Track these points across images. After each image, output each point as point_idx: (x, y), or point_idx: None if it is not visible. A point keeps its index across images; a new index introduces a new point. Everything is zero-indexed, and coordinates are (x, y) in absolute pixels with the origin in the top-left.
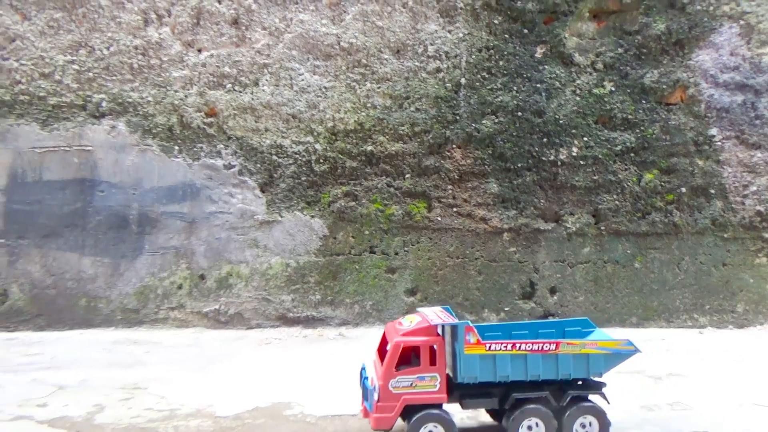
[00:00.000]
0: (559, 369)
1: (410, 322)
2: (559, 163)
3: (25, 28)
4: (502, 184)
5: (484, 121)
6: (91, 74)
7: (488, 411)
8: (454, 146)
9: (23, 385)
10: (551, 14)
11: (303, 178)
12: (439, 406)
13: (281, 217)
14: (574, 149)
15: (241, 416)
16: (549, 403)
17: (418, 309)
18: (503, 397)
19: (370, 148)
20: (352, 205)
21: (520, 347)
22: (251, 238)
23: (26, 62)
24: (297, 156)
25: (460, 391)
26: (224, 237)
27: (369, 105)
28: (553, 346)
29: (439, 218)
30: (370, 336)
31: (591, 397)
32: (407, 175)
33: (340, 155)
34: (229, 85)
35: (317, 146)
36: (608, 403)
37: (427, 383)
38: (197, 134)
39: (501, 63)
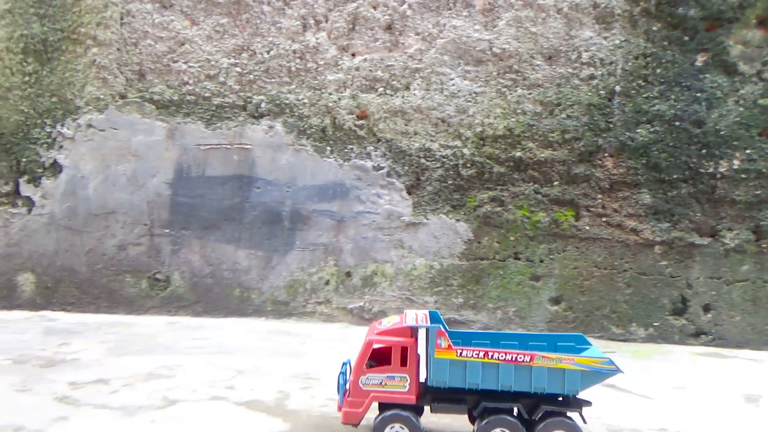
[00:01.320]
0: (532, 382)
1: (389, 322)
2: (719, 175)
3: (193, 32)
4: (656, 195)
5: (638, 130)
6: (251, 76)
7: (469, 418)
8: (606, 155)
9: (202, 367)
10: (714, 21)
11: (449, 182)
12: (410, 407)
13: (427, 219)
14: (736, 162)
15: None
16: (520, 416)
17: (405, 311)
18: (475, 405)
19: (518, 153)
20: (498, 211)
21: (492, 356)
22: (397, 238)
23: (193, 64)
24: (445, 160)
25: (432, 394)
26: (371, 236)
27: (519, 111)
28: (527, 358)
29: (588, 227)
30: None
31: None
32: (555, 183)
33: (487, 160)
34: (381, 89)
35: (465, 150)
36: (584, 422)
37: (396, 383)
38: (348, 136)
39: (659, 71)
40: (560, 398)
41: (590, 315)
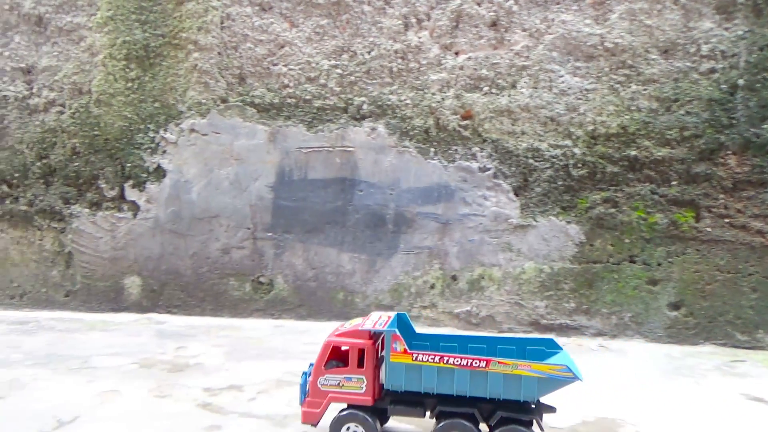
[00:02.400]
0: (488, 387)
1: (351, 324)
2: None
3: (293, 35)
4: None
5: (764, 126)
6: (353, 78)
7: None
8: (728, 152)
9: None
10: None
11: (559, 183)
12: (367, 408)
13: (536, 221)
14: None
15: (576, 429)
16: (475, 421)
17: (372, 312)
18: (433, 408)
19: (633, 152)
20: (612, 212)
21: (447, 360)
22: (504, 241)
23: (294, 67)
24: (554, 160)
25: (391, 397)
26: (477, 239)
27: (633, 108)
28: (483, 363)
29: (709, 229)
30: (633, 350)
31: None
32: (674, 182)
33: (600, 160)
34: (486, 88)
35: (576, 150)
36: (541, 430)
37: (353, 384)
38: (452, 136)
39: None
40: (533, 405)
41: (713, 321)
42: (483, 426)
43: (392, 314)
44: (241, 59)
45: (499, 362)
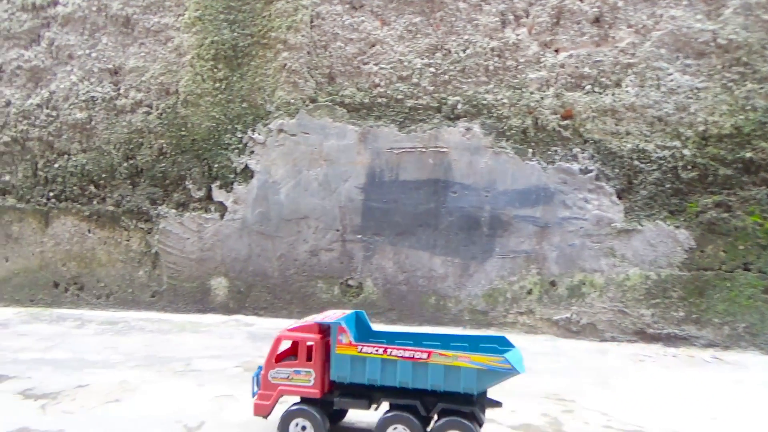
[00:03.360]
0: (429, 379)
1: (304, 320)
2: None
3: (384, 33)
4: None
5: None
6: (446, 77)
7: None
8: None
9: None
10: None
11: (667, 186)
12: (316, 403)
13: (641, 225)
14: None
15: None
16: (417, 413)
17: (329, 310)
18: (378, 401)
19: (748, 154)
20: (725, 217)
21: (390, 352)
22: (607, 246)
23: (385, 66)
24: (661, 161)
25: (341, 389)
26: (578, 244)
27: (748, 107)
28: (425, 355)
29: None
30: (751, 362)
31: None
32: None
33: (711, 162)
34: (588, 87)
35: (685, 151)
36: (479, 422)
37: (302, 377)
38: (552, 137)
39: None
40: (475, 398)
41: None
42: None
43: (348, 311)
44: (331, 58)
45: (440, 354)
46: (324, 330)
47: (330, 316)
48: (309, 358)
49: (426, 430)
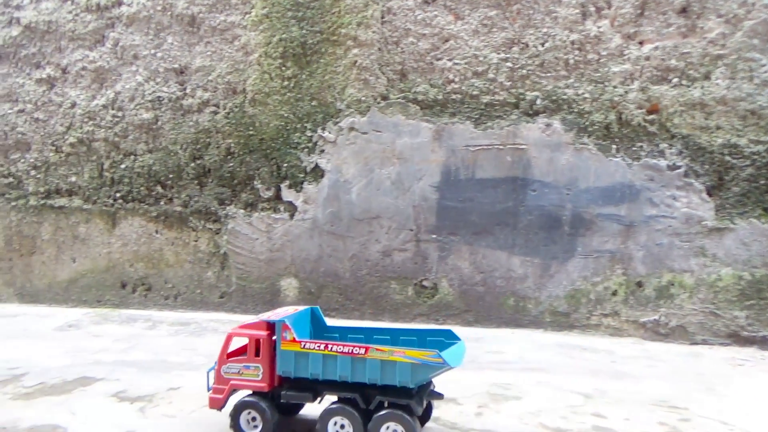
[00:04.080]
0: (367, 373)
1: (258, 317)
2: None
3: (458, 28)
4: None
5: None
6: (524, 71)
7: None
8: None
9: (536, 387)
10: None
11: (761, 182)
12: (265, 395)
13: (733, 224)
14: None
15: None
16: (357, 405)
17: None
18: (321, 394)
19: None
20: None
21: (331, 348)
22: (697, 245)
23: (459, 61)
24: (755, 157)
25: (288, 383)
26: (666, 243)
27: None
28: (362, 351)
29: None
30: None
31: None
32: None
33: None
34: (675, 80)
35: None
36: (412, 414)
37: (251, 372)
38: (637, 132)
39: None
40: (414, 391)
41: None
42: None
43: (301, 308)
44: (403, 54)
45: (376, 349)
46: (271, 327)
47: (281, 313)
48: (257, 354)
49: (366, 422)
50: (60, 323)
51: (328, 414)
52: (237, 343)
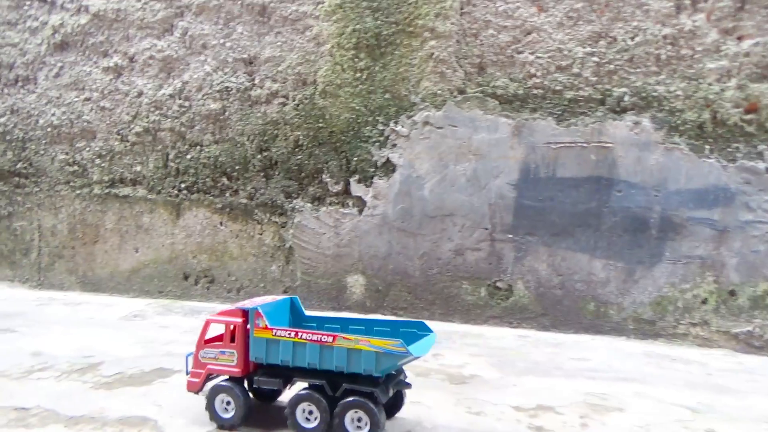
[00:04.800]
0: (334, 361)
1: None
2: None
3: (542, 20)
4: None
5: None
6: (611, 66)
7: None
8: None
9: (635, 398)
10: None
11: None
12: (239, 380)
13: None
14: None
15: None
16: (324, 392)
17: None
18: (291, 380)
19: None
20: None
21: (301, 336)
22: None
23: (542, 55)
24: None
25: (262, 369)
26: (763, 250)
27: None
28: (330, 339)
29: None
30: None
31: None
32: None
33: None
34: None
35: None
36: (375, 403)
37: (226, 357)
38: (733, 132)
39: None
40: (380, 379)
41: None
42: None
43: (279, 297)
44: (482, 47)
45: (343, 338)
46: (246, 314)
47: (258, 302)
48: (233, 340)
49: (333, 409)
50: (124, 313)
51: (296, 400)
52: (216, 329)
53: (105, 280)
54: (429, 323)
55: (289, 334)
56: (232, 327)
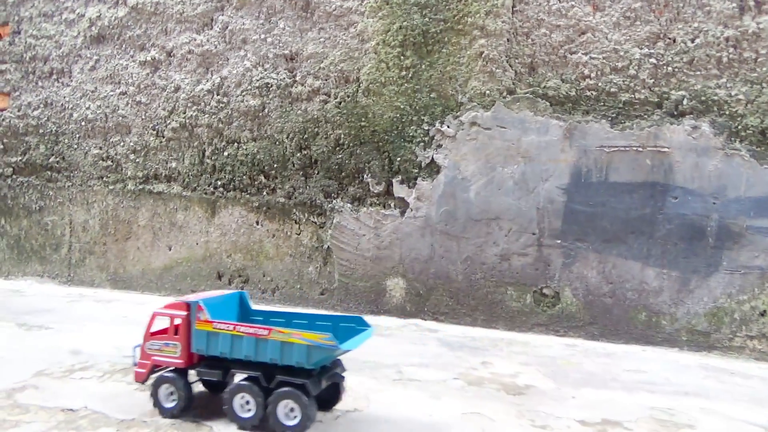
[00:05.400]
0: (269, 353)
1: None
2: None
3: (597, 19)
4: None
5: None
6: (669, 69)
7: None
8: None
9: (706, 416)
10: None
11: None
12: (183, 371)
13: None
14: None
15: None
16: (260, 383)
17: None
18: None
19: None
20: None
21: (238, 329)
22: None
23: (596, 56)
24: None
25: (205, 361)
26: None
27: None
28: (265, 332)
29: None
30: None
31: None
32: None
33: None
34: None
35: None
36: (306, 395)
37: (170, 349)
38: None
39: None
40: (315, 371)
41: None
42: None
43: (227, 291)
44: (534, 46)
45: (278, 331)
46: (190, 308)
47: (203, 295)
48: (176, 333)
49: (267, 399)
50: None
51: (234, 390)
52: (162, 322)
53: (136, 277)
54: (471, 330)
55: (228, 327)
56: (175, 320)
